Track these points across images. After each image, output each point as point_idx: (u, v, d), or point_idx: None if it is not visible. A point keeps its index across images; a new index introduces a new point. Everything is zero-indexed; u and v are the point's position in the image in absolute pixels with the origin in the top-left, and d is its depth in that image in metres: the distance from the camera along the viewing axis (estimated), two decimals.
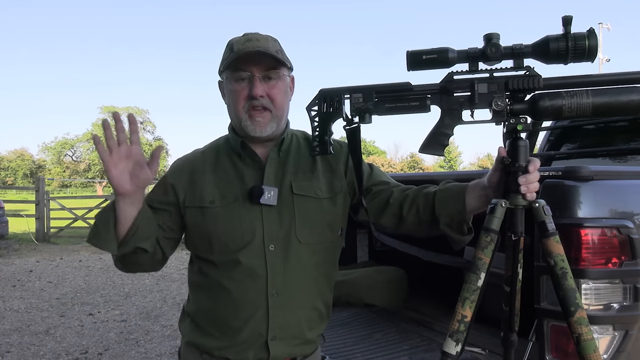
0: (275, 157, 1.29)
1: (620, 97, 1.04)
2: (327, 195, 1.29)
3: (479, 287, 1.08)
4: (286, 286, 1.23)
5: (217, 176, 1.27)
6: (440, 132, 1.13)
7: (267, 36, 1.26)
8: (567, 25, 1.02)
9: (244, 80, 1.23)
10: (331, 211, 1.29)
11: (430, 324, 2.35)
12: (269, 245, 1.22)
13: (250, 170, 1.27)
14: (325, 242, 1.29)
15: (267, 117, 1.23)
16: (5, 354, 3.93)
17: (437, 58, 1.09)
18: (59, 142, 45.18)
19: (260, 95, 1.21)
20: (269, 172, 1.26)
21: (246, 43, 1.22)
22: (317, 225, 1.26)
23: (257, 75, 1.22)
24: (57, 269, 7.64)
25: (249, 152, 1.27)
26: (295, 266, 1.23)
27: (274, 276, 1.22)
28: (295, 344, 1.26)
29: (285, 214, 1.24)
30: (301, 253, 1.24)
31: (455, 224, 1.22)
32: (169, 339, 4.28)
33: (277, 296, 1.22)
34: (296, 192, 1.26)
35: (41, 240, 10.86)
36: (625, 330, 1.47)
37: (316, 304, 1.29)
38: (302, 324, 1.26)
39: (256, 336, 1.22)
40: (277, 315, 1.22)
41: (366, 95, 1.15)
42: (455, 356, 1.06)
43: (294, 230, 1.24)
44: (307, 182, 1.28)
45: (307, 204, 1.26)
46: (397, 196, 1.30)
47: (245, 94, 1.22)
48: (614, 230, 1.47)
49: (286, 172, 1.28)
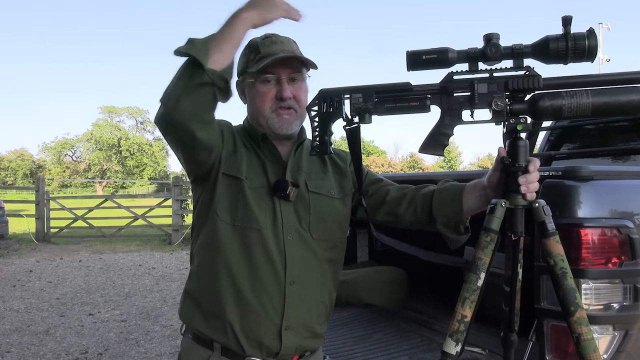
0: (294, 155, 1.31)
1: (620, 97, 1.04)
2: (338, 196, 1.33)
3: (479, 287, 1.08)
4: (302, 277, 1.24)
5: (249, 156, 1.28)
6: (440, 132, 1.13)
7: (289, 38, 1.29)
8: (567, 25, 1.03)
9: (270, 82, 1.25)
10: (342, 211, 1.33)
11: (430, 324, 2.35)
12: (287, 235, 1.24)
13: (270, 163, 1.29)
14: (335, 240, 1.32)
15: (293, 115, 1.27)
16: (5, 354, 3.93)
17: (437, 58, 1.09)
18: (59, 142, 45.22)
19: (289, 97, 1.25)
20: (289, 169, 1.28)
21: (273, 46, 1.24)
22: (329, 223, 1.30)
23: (284, 78, 1.25)
24: (57, 269, 7.64)
25: (269, 146, 1.29)
26: (311, 259, 1.26)
27: (291, 265, 1.23)
28: (306, 336, 1.27)
29: (301, 210, 1.27)
30: (314, 248, 1.27)
31: (452, 224, 1.24)
32: (169, 339, 4.27)
33: (294, 285, 1.23)
34: (312, 190, 1.29)
35: (41, 240, 10.86)
36: (625, 330, 1.47)
37: (325, 298, 1.31)
38: (313, 317, 1.28)
39: (270, 324, 1.21)
40: (292, 304, 1.23)
41: (366, 95, 1.15)
42: (455, 356, 1.06)
43: (308, 226, 1.26)
44: (321, 182, 1.31)
45: (322, 202, 1.29)
46: (394, 194, 1.33)
47: (272, 94, 1.25)
48: (614, 230, 1.48)
49: (301, 171, 1.30)
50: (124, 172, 45.88)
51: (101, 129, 45.16)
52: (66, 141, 45.55)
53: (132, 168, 45.87)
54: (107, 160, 45.33)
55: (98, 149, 44.96)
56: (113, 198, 13.12)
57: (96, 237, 11.35)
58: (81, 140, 45.83)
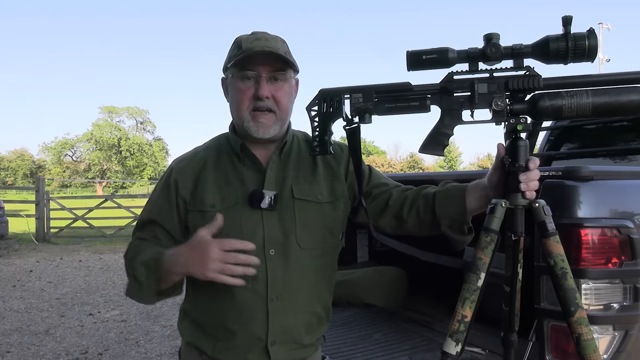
0: (277, 160, 1.28)
1: (620, 97, 1.04)
2: (328, 200, 1.28)
3: (479, 287, 1.08)
4: (286, 291, 1.22)
5: (218, 177, 1.26)
6: (440, 132, 1.13)
7: (276, 36, 1.25)
8: (567, 25, 1.02)
9: (250, 80, 1.21)
10: (332, 216, 1.28)
11: (430, 324, 2.35)
12: (269, 250, 1.21)
13: (251, 172, 1.26)
14: (325, 246, 1.28)
15: (271, 119, 1.22)
16: (5, 354, 3.93)
17: (437, 58, 1.09)
18: (59, 142, 45.25)
19: (266, 97, 1.20)
20: (269, 176, 1.25)
21: (255, 42, 1.20)
22: (317, 230, 1.25)
23: (264, 76, 1.20)
24: (57, 269, 7.64)
25: (248, 155, 1.26)
26: (295, 271, 1.23)
27: (274, 281, 1.21)
28: (294, 348, 1.25)
29: (286, 218, 1.23)
30: (301, 258, 1.23)
31: (456, 225, 1.22)
32: (169, 339, 4.27)
33: (277, 301, 1.21)
34: (297, 197, 1.25)
35: (41, 240, 10.86)
36: (625, 330, 1.46)
37: (315, 308, 1.28)
38: (300, 329, 1.25)
39: (255, 340, 1.22)
40: (276, 320, 1.21)
41: (366, 95, 1.14)
42: (455, 356, 1.06)
43: (295, 235, 1.23)
44: (308, 186, 1.27)
45: (308, 209, 1.25)
46: (396, 198, 1.29)
47: (250, 93, 1.21)
48: (614, 230, 1.47)
49: (287, 176, 1.26)
50: (124, 172, 45.90)
51: (101, 129, 45.20)
52: (66, 141, 45.58)
53: (132, 168, 45.90)
54: (107, 160, 45.35)
55: (98, 149, 44.99)
56: (113, 198, 13.13)
57: (96, 237, 11.34)
58: (81, 140, 45.87)
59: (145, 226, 1.30)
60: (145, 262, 1.19)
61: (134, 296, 1.22)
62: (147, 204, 1.33)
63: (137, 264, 1.20)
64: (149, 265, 1.18)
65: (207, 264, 1.09)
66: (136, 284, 1.20)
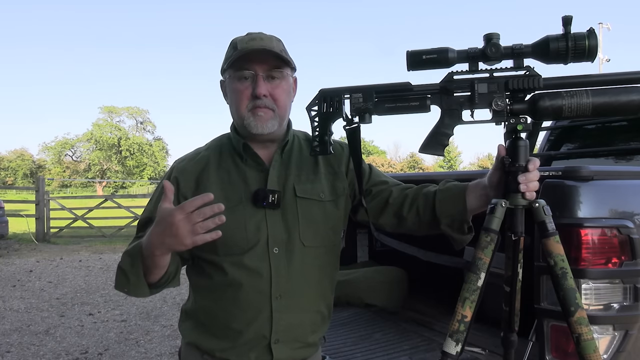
0: (279, 159, 1.28)
1: (620, 97, 1.04)
2: (330, 198, 1.29)
3: (479, 287, 1.08)
4: (290, 289, 1.22)
5: (221, 177, 1.26)
6: (440, 132, 1.13)
7: (272, 36, 1.26)
8: (567, 25, 1.02)
9: (247, 80, 1.22)
10: (334, 214, 1.29)
11: (430, 324, 2.35)
12: (273, 248, 1.22)
13: (253, 172, 1.26)
14: (328, 244, 1.28)
15: (270, 114, 1.22)
16: (5, 354, 3.93)
17: (437, 58, 1.09)
18: (59, 142, 45.28)
19: (263, 95, 1.20)
20: (272, 174, 1.25)
21: (250, 42, 1.21)
22: (320, 228, 1.26)
23: (260, 74, 1.21)
24: (57, 269, 7.64)
25: (251, 154, 1.27)
26: (299, 269, 1.23)
27: (278, 279, 1.21)
28: (297, 347, 1.25)
29: (289, 217, 1.24)
30: (305, 256, 1.24)
31: (456, 224, 1.22)
32: (169, 339, 4.27)
33: (281, 299, 1.21)
34: (299, 195, 1.25)
35: (41, 240, 10.86)
36: (625, 330, 1.46)
37: (319, 306, 1.29)
38: (306, 327, 1.26)
39: (259, 338, 1.22)
40: (280, 318, 1.21)
41: (366, 95, 1.14)
42: (455, 356, 1.06)
43: (298, 233, 1.23)
44: (310, 185, 1.27)
45: (311, 207, 1.26)
46: (396, 196, 1.30)
47: (248, 93, 1.21)
48: (614, 230, 1.47)
49: (289, 175, 1.27)
50: (124, 172, 45.92)
51: (101, 128, 45.22)
52: (66, 141, 45.60)
53: (132, 168, 45.91)
54: (107, 160, 45.37)
55: (98, 149, 45.01)
56: (113, 198, 13.13)
57: (96, 237, 11.35)
58: (81, 140, 45.91)
59: (146, 225, 1.30)
60: (128, 251, 1.18)
61: (123, 287, 1.18)
62: (148, 204, 1.32)
63: (123, 255, 1.20)
64: (131, 254, 1.17)
65: (178, 233, 1.04)
66: (122, 274, 1.18)
